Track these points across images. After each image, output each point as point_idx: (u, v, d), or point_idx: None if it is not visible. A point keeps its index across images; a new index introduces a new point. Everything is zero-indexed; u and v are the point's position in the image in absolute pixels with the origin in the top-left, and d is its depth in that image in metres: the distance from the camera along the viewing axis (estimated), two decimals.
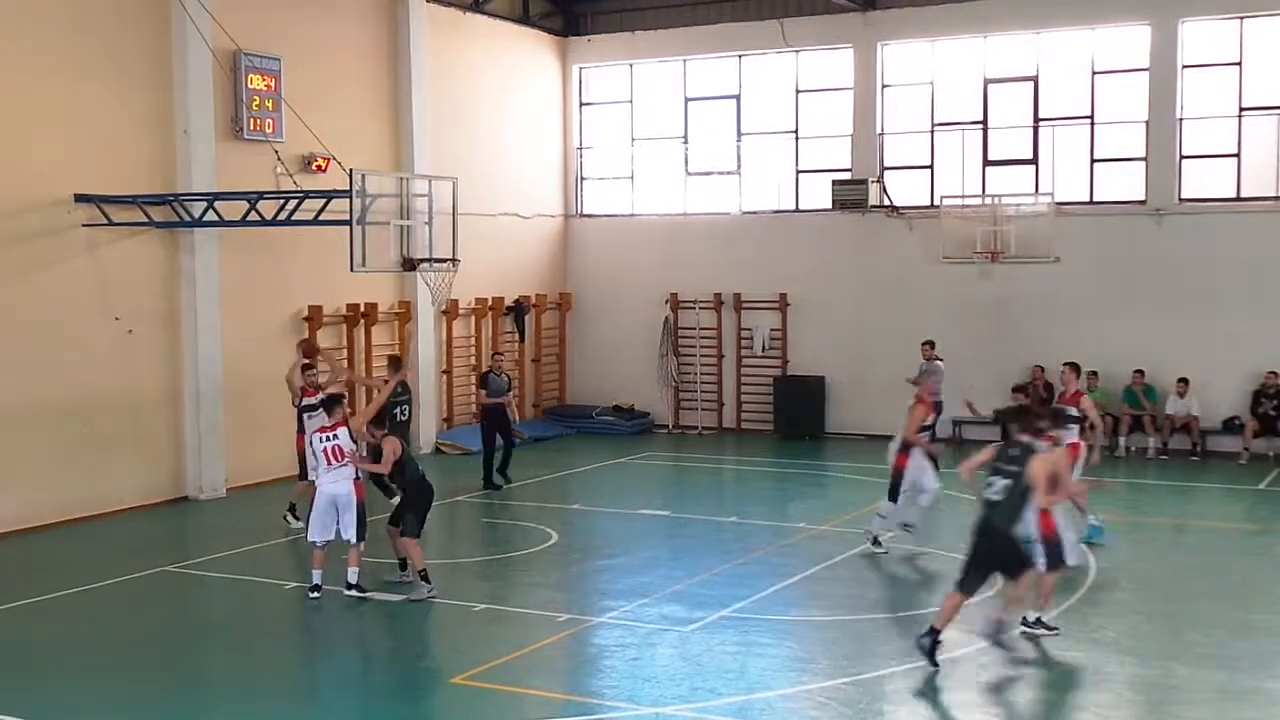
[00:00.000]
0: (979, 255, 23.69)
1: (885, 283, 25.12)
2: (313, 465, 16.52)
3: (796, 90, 26.02)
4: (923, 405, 15.96)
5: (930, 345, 21.98)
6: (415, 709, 11.07)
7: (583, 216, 28.03)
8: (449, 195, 17.59)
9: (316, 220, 17.36)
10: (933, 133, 24.95)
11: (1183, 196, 23.17)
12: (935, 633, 11.51)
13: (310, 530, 13.97)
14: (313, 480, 16.66)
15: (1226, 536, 17.29)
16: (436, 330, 24.34)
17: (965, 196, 24.27)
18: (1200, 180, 23.14)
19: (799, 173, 26.08)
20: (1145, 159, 23.32)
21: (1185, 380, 22.54)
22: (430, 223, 17.29)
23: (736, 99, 26.58)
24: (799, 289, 25.89)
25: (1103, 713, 10.60)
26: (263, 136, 20.00)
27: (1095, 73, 23.71)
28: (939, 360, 21.81)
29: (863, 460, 22.65)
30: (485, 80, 25.56)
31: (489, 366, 21.43)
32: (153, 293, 19.15)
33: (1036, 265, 23.38)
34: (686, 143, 27.13)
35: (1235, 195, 22.88)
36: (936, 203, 24.54)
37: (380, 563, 14.55)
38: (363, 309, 22.44)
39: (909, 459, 15.71)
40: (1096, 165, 23.81)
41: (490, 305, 25.58)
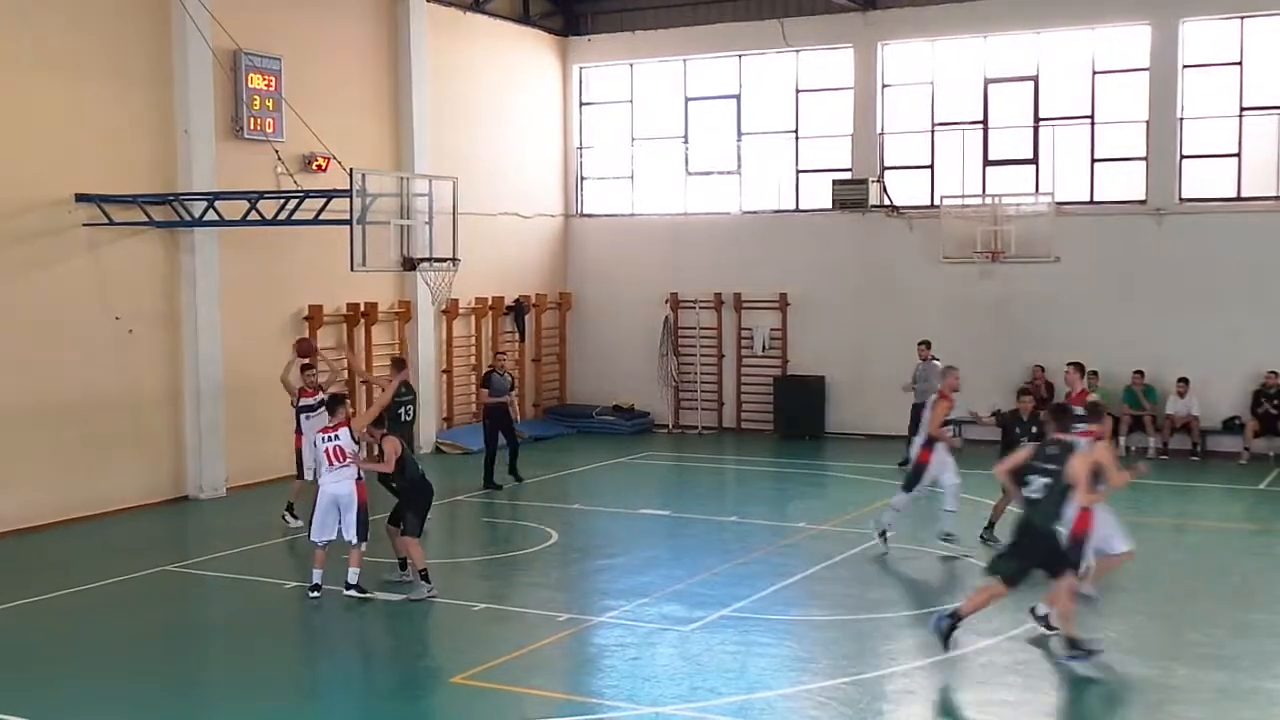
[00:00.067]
0: (979, 255, 23.69)
1: (885, 282, 25.12)
2: (310, 465, 16.75)
3: (797, 90, 26.02)
4: (946, 401, 15.85)
5: (926, 345, 21.98)
6: (415, 708, 11.07)
7: (583, 216, 28.03)
8: (449, 195, 17.62)
9: (317, 220, 17.38)
10: (933, 132, 24.95)
11: (1183, 196, 23.17)
12: (957, 618, 11.46)
13: (312, 530, 13.98)
14: (308, 479, 16.88)
15: (1227, 536, 17.29)
16: (437, 330, 24.34)
17: (965, 196, 24.28)
18: (1200, 180, 23.15)
19: (799, 172, 26.08)
20: (1145, 159, 23.33)
21: (1185, 380, 22.54)
22: (430, 222, 17.31)
23: (737, 99, 26.58)
24: (799, 289, 25.89)
25: (1104, 711, 10.60)
26: (263, 136, 20.00)
27: (1095, 72, 23.71)
28: (936, 360, 21.79)
29: (863, 460, 22.67)
30: (485, 80, 25.56)
31: (492, 365, 21.41)
32: (153, 292, 19.15)
33: (1037, 265, 23.38)
34: (687, 142, 27.13)
35: (1235, 195, 22.88)
36: (937, 202, 24.55)
37: (380, 562, 14.54)
38: (363, 308, 22.44)
39: (932, 454, 15.65)
40: (1097, 165, 23.82)
41: (490, 305, 25.59)
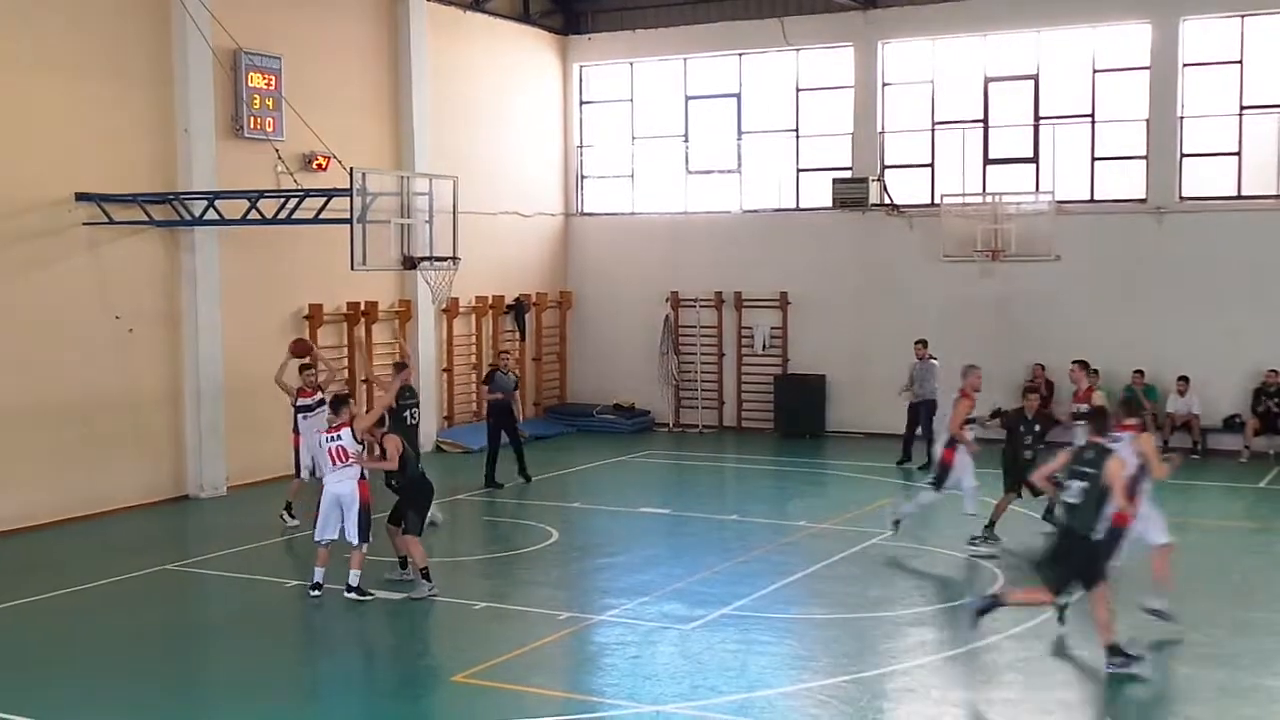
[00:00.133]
0: (979, 254, 23.68)
1: (886, 281, 25.11)
2: (307, 464, 16.91)
3: (797, 89, 26.00)
4: (966, 399, 15.81)
5: (923, 344, 21.94)
6: (416, 707, 11.08)
7: (583, 215, 28.02)
8: (449, 194, 17.60)
9: (317, 219, 17.38)
10: (933, 131, 24.94)
11: (1183, 195, 23.16)
12: (997, 602, 11.40)
13: (315, 529, 14.01)
14: (304, 479, 16.97)
15: (1227, 535, 17.29)
16: (437, 329, 24.33)
17: (966, 195, 24.26)
18: (1201, 179, 23.14)
19: (799, 171, 26.06)
20: (1146, 157, 23.32)
21: (1186, 378, 22.53)
22: (431, 221, 17.30)
23: (737, 97, 26.57)
24: (799, 287, 25.88)
25: (1103, 711, 10.60)
26: (263, 135, 20.00)
27: (1096, 71, 23.70)
28: (933, 359, 21.77)
29: (863, 459, 22.67)
30: (486, 79, 25.55)
31: (496, 364, 21.36)
32: (153, 291, 19.15)
33: (1037, 264, 23.37)
34: (687, 141, 27.13)
35: (1236, 194, 22.87)
36: (937, 201, 24.54)
37: (380, 560, 14.54)
38: (363, 307, 22.44)
39: (956, 453, 15.61)
40: (1097, 164, 23.81)
41: (491, 304, 25.58)
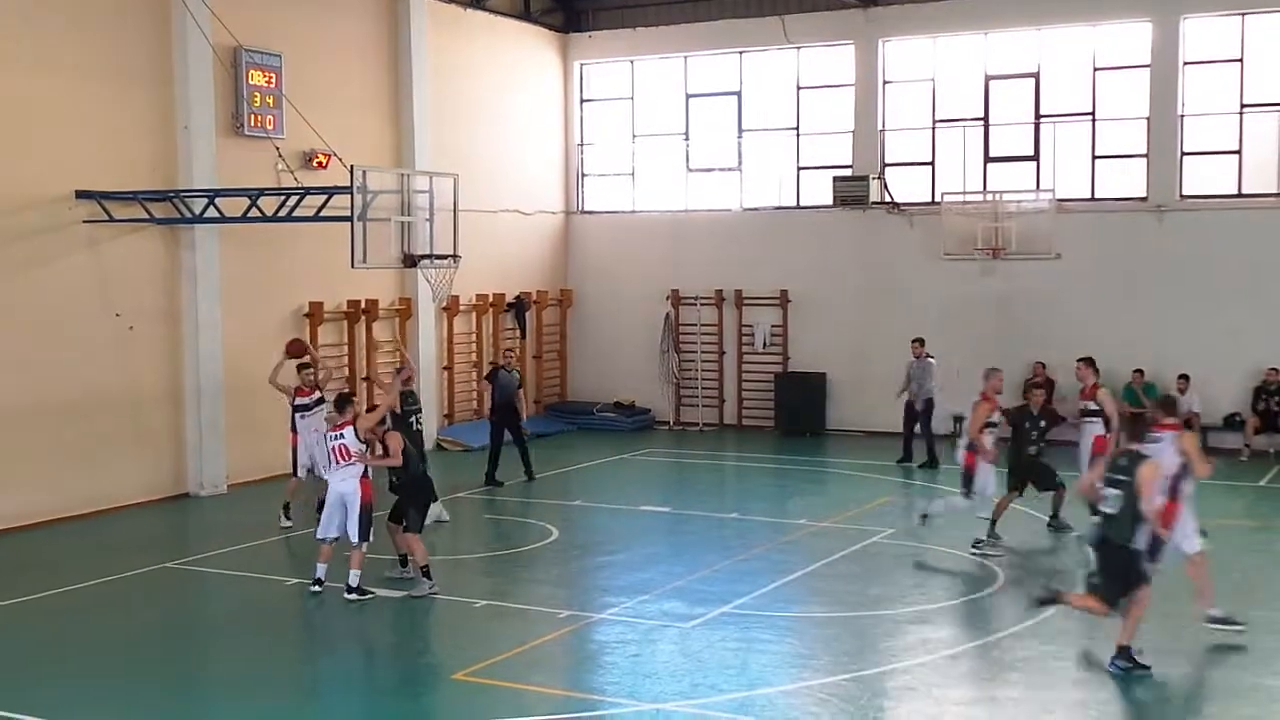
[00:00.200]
0: (980, 252, 23.68)
1: (886, 279, 25.11)
2: (304, 463, 17.00)
3: (798, 86, 25.99)
4: (987, 403, 15.71)
5: (920, 343, 21.91)
6: (416, 705, 11.08)
7: (584, 213, 28.02)
8: (450, 191, 17.58)
9: (317, 216, 17.39)
10: (934, 129, 24.93)
11: (1184, 193, 23.16)
12: (1057, 599, 11.38)
13: (319, 526, 14.03)
14: (302, 478, 17.00)
15: (1227, 533, 17.20)
16: (438, 327, 24.33)
17: (966, 193, 24.25)
18: (1201, 177, 23.14)
19: (800, 169, 26.06)
20: (1146, 155, 23.31)
21: (1186, 376, 22.51)
22: (431, 219, 17.29)
23: (738, 95, 26.55)
24: (800, 285, 25.87)
25: (1104, 710, 10.61)
26: (264, 133, 20.00)
27: (1096, 69, 23.69)
28: (930, 358, 21.73)
29: (863, 457, 22.67)
30: (486, 77, 25.54)
31: (500, 363, 21.32)
32: (153, 289, 19.14)
33: (1037, 262, 23.37)
34: (687, 139, 27.12)
35: (1236, 192, 22.87)
36: (937, 199, 24.54)
37: (381, 559, 14.53)
38: (364, 305, 22.44)
39: (977, 457, 15.53)
40: (1098, 162, 23.80)
41: (491, 302, 25.58)
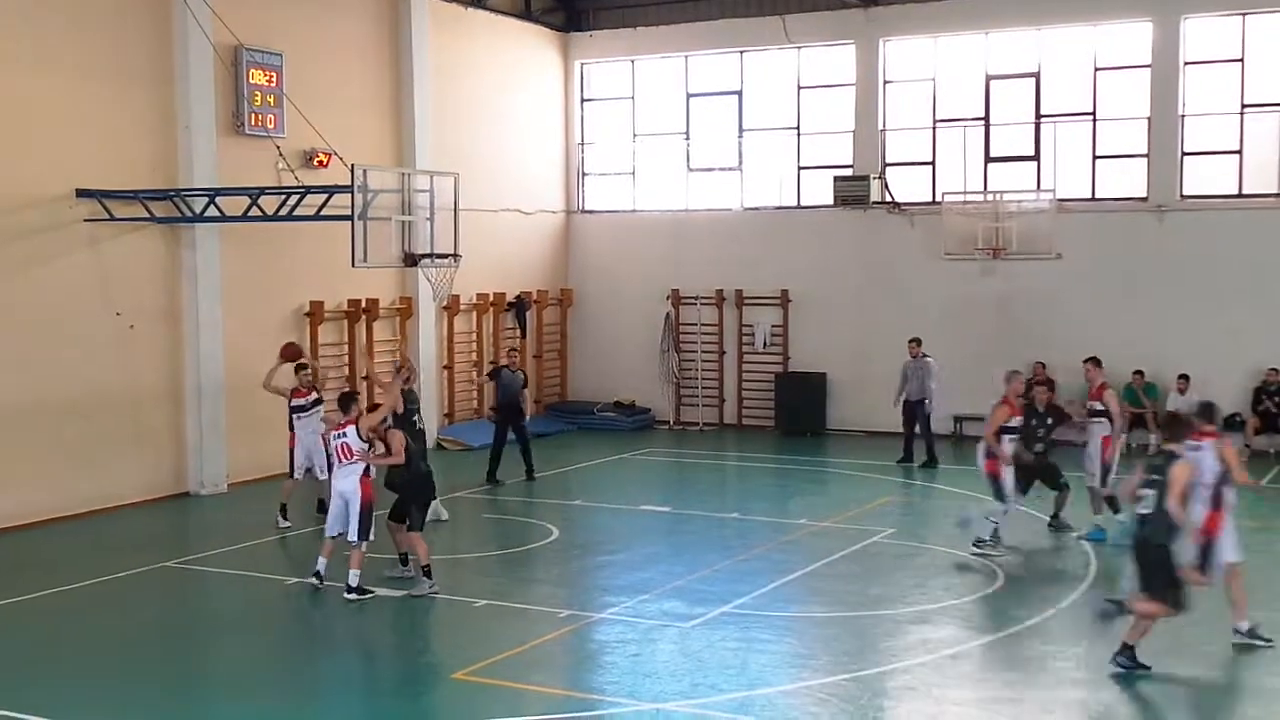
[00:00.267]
0: (980, 252, 23.68)
1: (887, 279, 25.10)
2: (301, 464, 17.12)
3: (798, 86, 25.98)
4: (1007, 406, 15.58)
5: (917, 343, 21.86)
6: (416, 705, 11.08)
7: (584, 212, 28.01)
8: (450, 191, 17.58)
9: (318, 216, 17.40)
10: (934, 129, 24.92)
11: (1184, 193, 23.15)
12: (1124, 606, 11.34)
13: (328, 523, 14.12)
14: (299, 479, 17.13)
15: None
16: (438, 326, 24.32)
17: (967, 193, 24.24)
18: (1202, 177, 23.13)
19: (801, 169, 26.04)
20: (1147, 155, 23.30)
21: (1186, 376, 22.50)
22: (432, 218, 17.29)
23: (738, 95, 26.54)
24: (800, 285, 25.87)
25: (1104, 710, 10.60)
26: (264, 132, 20.00)
27: (1097, 69, 23.68)
28: (927, 357, 21.70)
29: (863, 457, 22.67)
30: (487, 76, 25.54)
31: (504, 362, 21.32)
32: (154, 288, 19.14)
33: (1038, 262, 23.36)
34: (688, 139, 27.11)
35: (1237, 192, 22.86)
36: (938, 199, 24.54)
37: (381, 558, 14.52)
38: (364, 305, 22.44)
39: (998, 462, 15.40)
40: (1098, 162, 23.79)
41: (491, 301, 25.57)
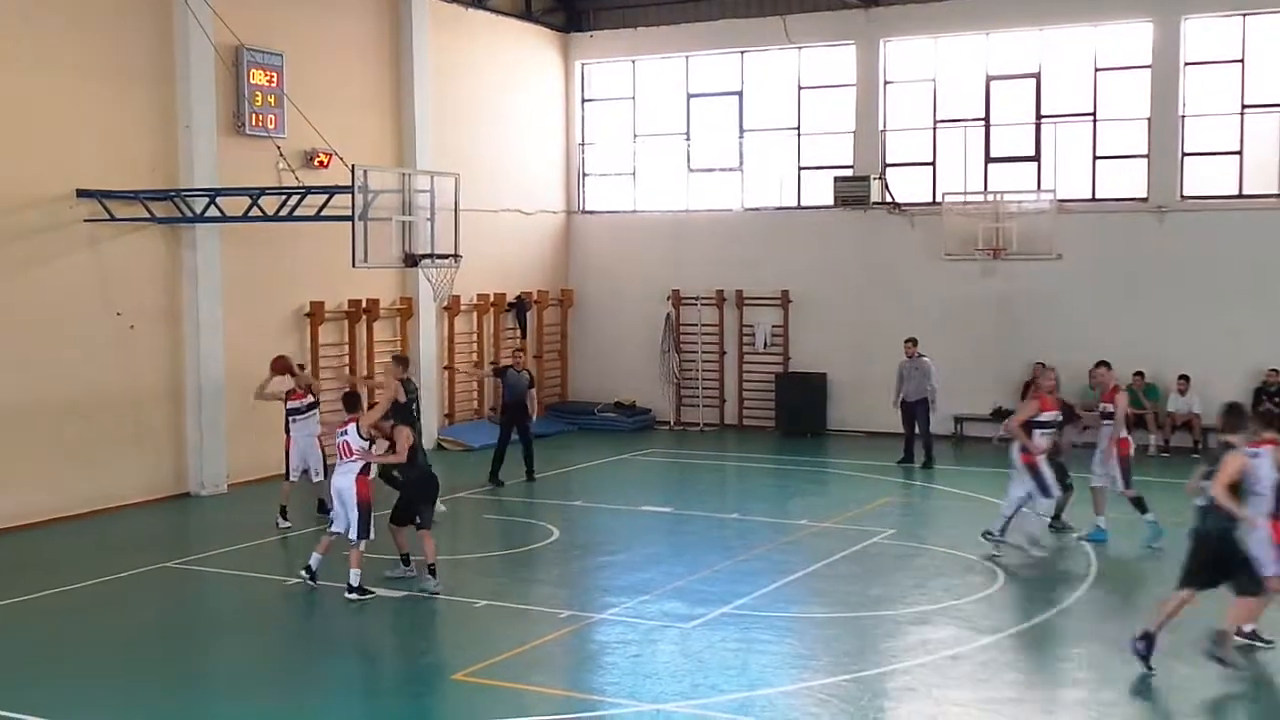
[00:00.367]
0: (981, 252, 23.68)
1: (887, 279, 25.10)
2: (297, 466, 17.12)
3: (799, 86, 25.98)
4: (1037, 401, 15.41)
5: (913, 343, 21.82)
6: (417, 705, 11.08)
7: (585, 213, 28.01)
8: (451, 191, 17.58)
9: (318, 216, 17.40)
10: (935, 129, 24.93)
11: (1185, 194, 23.16)
12: (1224, 637, 11.16)
13: (332, 520, 14.18)
14: (296, 480, 17.19)
15: None
16: (438, 326, 24.32)
17: (967, 193, 24.25)
18: (1202, 177, 23.14)
19: (801, 169, 26.05)
20: (1147, 156, 23.31)
21: (1186, 377, 22.53)
22: (432, 219, 17.29)
23: (739, 95, 26.54)
24: (801, 286, 25.87)
25: (1105, 710, 10.60)
26: (265, 132, 20.00)
27: (1098, 69, 23.68)
28: (924, 357, 21.67)
29: (864, 457, 22.66)
30: (487, 76, 25.54)
31: (510, 362, 21.32)
32: (154, 288, 19.14)
33: (1038, 262, 23.37)
34: (689, 139, 27.11)
35: (1237, 192, 22.86)
36: (938, 199, 24.54)
37: (381, 558, 14.51)
38: (364, 305, 22.44)
39: (1034, 454, 15.17)
40: (1099, 162, 23.80)
41: (492, 301, 25.57)
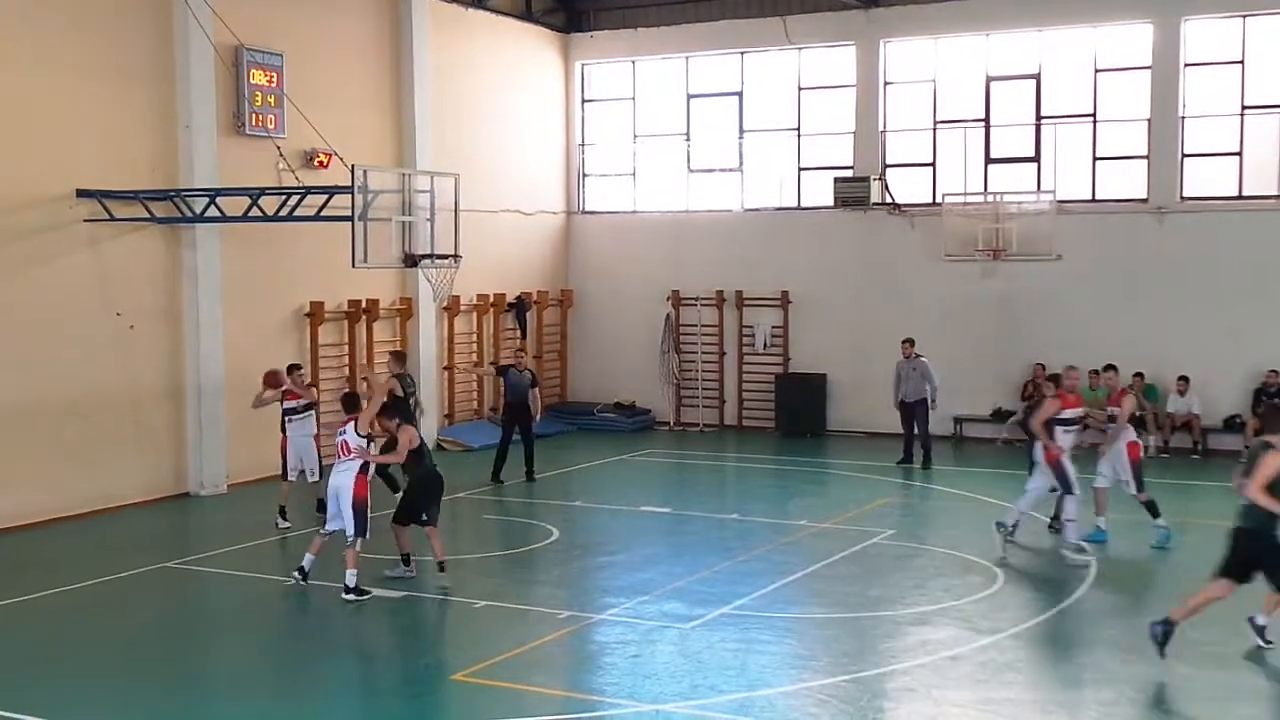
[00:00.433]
0: (981, 253, 23.69)
1: (887, 280, 25.10)
2: (294, 466, 17.14)
3: (799, 87, 25.99)
4: (1058, 400, 15.30)
5: (910, 343, 21.81)
6: (417, 706, 11.07)
7: (584, 213, 28.01)
8: (451, 191, 17.59)
9: (318, 216, 17.40)
10: (935, 130, 24.93)
11: (1184, 195, 23.16)
12: (1169, 629, 11.31)
13: (326, 520, 14.18)
14: (293, 481, 17.19)
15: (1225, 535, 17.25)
16: (438, 327, 24.32)
17: (967, 194, 24.25)
18: (1202, 179, 23.14)
19: (801, 170, 26.05)
20: (1147, 157, 23.31)
21: (1186, 378, 22.54)
22: (432, 219, 17.29)
23: (739, 96, 26.55)
24: (800, 286, 25.87)
25: (1105, 710, 10.60)
26: (265, 132, 20.01)
27: (1097, 70, 23.69)
28: (921, 357, 21.66)
29: (863, 458, 22.66)
30: (487, 76, 25.54)
31: (511, 362, 21.34)
32: (154, 288, 19.14)
33: (1038, 263, 23.37)
34: (688, 140, 27.11)
35: (1237, 194, 22.88)
36: (938, 200, 24.55)
37: (380, 558, 14.52)
38: (364, 305, 22.44)
39: (1059, 454, 15.15)
40: (1098, 163, 23.81)
41: (492, 302, 25.58)
